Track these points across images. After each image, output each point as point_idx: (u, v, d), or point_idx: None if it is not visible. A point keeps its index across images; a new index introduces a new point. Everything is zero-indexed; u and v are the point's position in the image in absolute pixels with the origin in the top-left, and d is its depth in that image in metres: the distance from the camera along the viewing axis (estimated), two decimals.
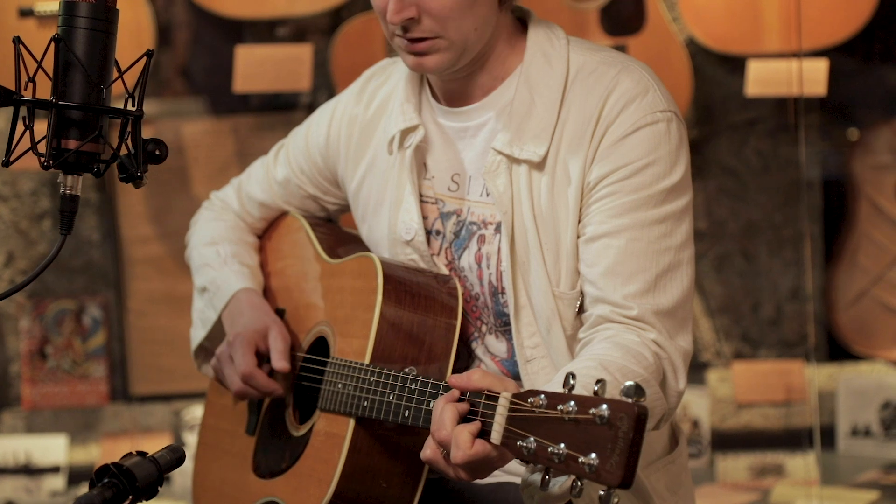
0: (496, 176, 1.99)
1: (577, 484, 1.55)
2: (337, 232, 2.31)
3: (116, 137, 1.60)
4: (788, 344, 4.26)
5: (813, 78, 3.78)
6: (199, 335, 2.28)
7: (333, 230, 2.32)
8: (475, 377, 1.74)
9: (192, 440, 3.90)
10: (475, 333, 2.09)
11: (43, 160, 1.55)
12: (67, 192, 1.58)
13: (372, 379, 1.96)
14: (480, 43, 1.99)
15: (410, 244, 2.08)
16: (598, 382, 1.56)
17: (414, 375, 1.93)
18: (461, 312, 2.04)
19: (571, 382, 1.60)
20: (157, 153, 1.62)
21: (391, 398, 1.93)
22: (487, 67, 2.03)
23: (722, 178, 4.21)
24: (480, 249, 2.04)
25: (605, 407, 1.52)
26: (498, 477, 1.99)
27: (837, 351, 4.22)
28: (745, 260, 4.26)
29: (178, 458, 1.60)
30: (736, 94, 4.07)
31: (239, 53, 3.83)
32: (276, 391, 2.15)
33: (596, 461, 1.52)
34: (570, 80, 1.99)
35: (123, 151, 1.60)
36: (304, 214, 2.32)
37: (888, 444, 4.03)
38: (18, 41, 1.54)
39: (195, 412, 3.97)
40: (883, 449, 4.03)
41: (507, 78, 2.03)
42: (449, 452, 1.73)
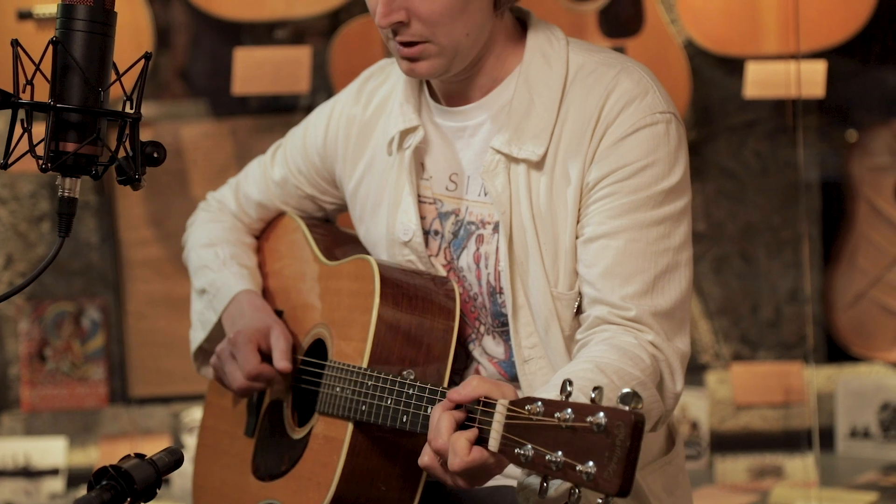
0: (494, 175, 1.99)
1: (574, 491, 1.55)
2: (334, 232, 2.31)
3: (115, 140, 1.60)
4: (787, 345, 4.26)
5: (811, 80, 3.78)
6: (198, 337, 2.28)
7: (330, 231, 2.31)
8: (473, 384, 1.73)
9: (191, 442, 3.90)
10: (473, 335, 2.09)
11: (41, 163, 1.55)
12: (66, 194, 1.58)
13: (370, 383, 1.96)
14: (474, 48, 1.99)
15: (408, 245, 2.08)
16: (595, 389, 1.56)
17: (412, 380, 1.93)
18: (459, 314, 2.04)
19: (569, 389, 1.59)
20: (155, 156, 1.62)
21: (389, 403, 1.93)
22: (485, 70, 2.03)
23: (720, 179, 4.21)
24: (479, 249, 2.04)
25: (601, 415, 1.52)
26: (495, 480, 1.98)
27: (836, 352, 4.22)
28: (743, 262, 4.26)
29: (176, 460, 1.60)
30: (734, 95, 4.07)
31: (238, 56, 3.83)
32: (279, 385, 2.16)
33: (593, 469, 1.52)
34: (569, 80, 1.99)
35: (122, 154, 1.60)
36: (301, 215, 2.32)
37: (887, 445, 4.03)
38: (16, 44, 1.54)
39: (194, 414, 3.96)
40: (882, 450, 4.03)
41: (505, 78, 2.03)
42: (446, 461, 1.73)
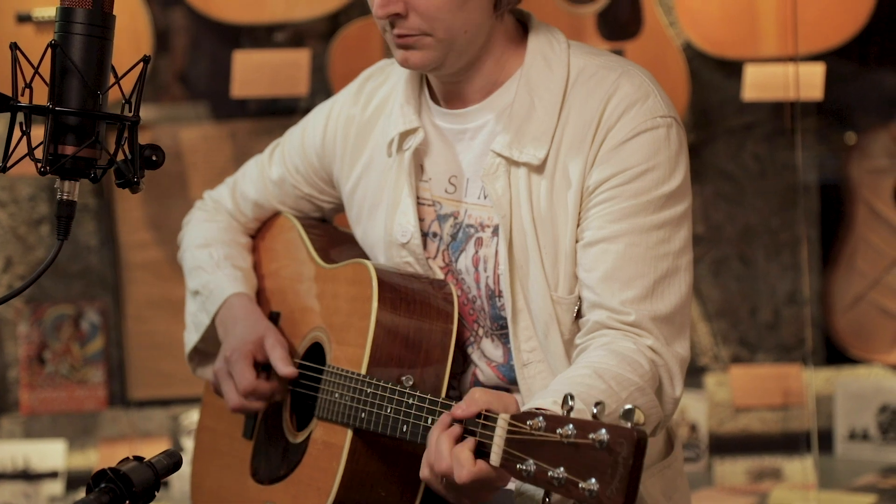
0: (495, 179, 1.99)
1: None
2: (330, 233, 2.30)
3: (113, 143, 1.60)
4: (786, 348, 4.26)
5: (810, 82, 3.78)
6: (192, 339, 2.28)
7: (327, 231, 2.30)
8: (475, 397, 1.72)
9: (190, 445, 3.89)
10: (471, 338, 2.08)
11: (40, 166, 1.55)
12: (64, 197, 1.58)
13: (369, 391, 1.96)
14: (472, 46, 1.99)
15: (406, 247, 2.08)
16: (597, 405, 1.55)
17: (411, 386, 1.93)
18: (457, 317, 2.03)
19: (570, 403, 1.58)
20: (153, 159, 1.62)
21: (388, 412, 1.92)
22: (484, 71, 2.03)
23: (719, 182, 4.21)
24: (478, 252, 2.04)
25: (603, 431, 1.51)
26: None
27: (835, 355, 4.22)
28: (742, 264, 4.26)
29: (175, 462, 1.60)
30: (733, 98, 4.06)
31: (237, 58, 3.83)
32: (279, 396, 2.15)
33: (596, 486, 1.51)
34: (570, 83, 1.99)
35: (120, 157, 1.60)
36: (297, 215, 2.31)
37: (886, 447, 4.03)
38: (15, 47, 1.54)
39: (193, 417, 3.96)
40: (881, 452, 4.03)
41: (506, 81, 2.03)
42: (449, 481, 1.72)
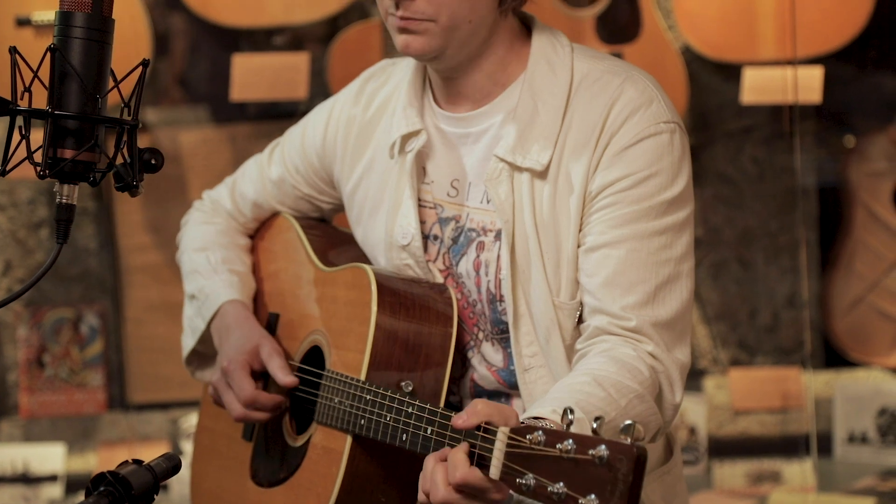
0: (498, 183, 1.98)
1: None
2: (329, 234, 2.29)
3: (112, 146, 1.60)
4: (785, 351, 4.26)
5: (808, 85, 3.78)
6: (189, 343, 2.28)
7: (326, 232, 2.30)
8: (477, 408, 1.70)
9: (189, 448, 3.89)
10: (471, 342, 2.08)
11: (39, 169, 1.56)
12: (63, 201, 1.58)
13: (368, 398, 1.95)
14: (474, 39, 1.98)
15: (406, 249, 2.07)
16: (596, 419, 1.54)
17: (411, 394, 1.93)
18: (457, 321, 2.03)
19: (570, 417, 1.58)
20: (153, 162, 1.62)
21: (388, 420, 1.92)
22: (485, 69, 2.02)
23: (718, 185, 4.21)
24: (479, 256, 2.03)
25: (603, 448, 1.51)
26: None
27: (834, 358, 4.22)
28: (741, 267, 4.26)
29: (173, 466, 1.60)
30: (731, 101, 4.07)
31: (236, 62, 3.83)
32: (282, 407, 2.15)
33: (596, 503, 1.51)
34: (573, 87, 1.98)
35: (119, 161, 1.60)
36: (296, 215, 2.31)
37: (885, 450, 4.03)
38: (14, 51, 1.55)
39: (192, 420, 3.96)
40: (879, 455, 4.03)
41: (510, 84, 2.02)
42: None
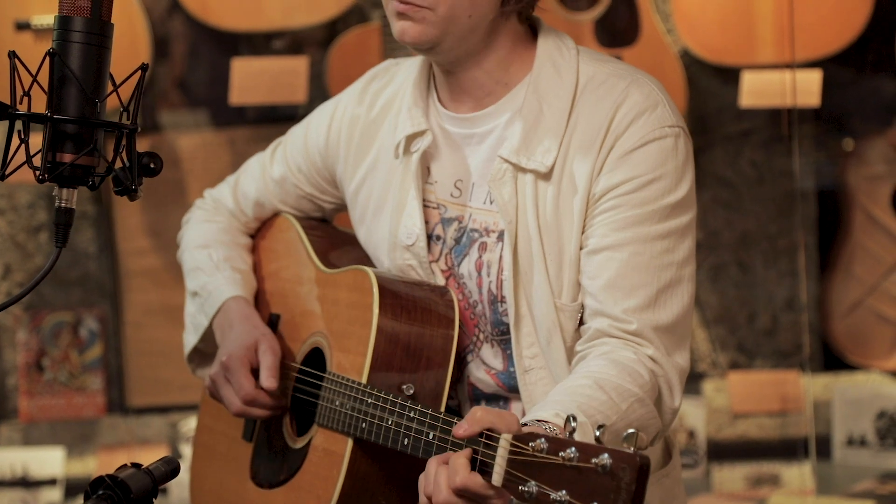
0: (502, 184, 1.98)
1: None
2: (331, 234, 2.29)
3: (111, 151, 1.61)
4: (784, 354, 4.26)
5: (807, 89, 3.79)
6: (191, 340, 2.27)
7: (327, 232, 2.29)
8: (477, 416, 1.69)
9: (188, 452, 3.90)
10: (471, 346, 2.08)
11: (38, 174, 1.56)
12: (62, 205, 1.58)
13: (370, 401, 1.95)
14: (473, 35, 1.97)
15: (410, 249, 2.07)
16: (599, 427, 1.54)
17: (412, 398, 1.93)
18: (458, 324, 2.03)
19: (573, 425, 1.57)
20: (151, 166, 1.62)
21: (390, 423, 1.92)
22: (485, 67, 2.02)
23: (717, 188, 4.22)
24: (481, 257, 2.03)
25: (606, 456, 1.50)
26: None
27: (833, 361, 4.22)
28: (740, 270, 4.27)
29: (172, 469, 1.60)
30: (730, 105, 4.07)
31: (235, 66, 3.84)
32: (279, 409, 2.15)
33: None
34: (579, 90, 1.98)
35: (118, 165, 1.60)
36: (297, 215, 2.31)
37: (883, 453, 4.03)
38: (14, 55, 1.55)
39: (192, 424, 3.96)
40: (878, 458, 4.03)
41: (515, 86, 2.02)
42: None
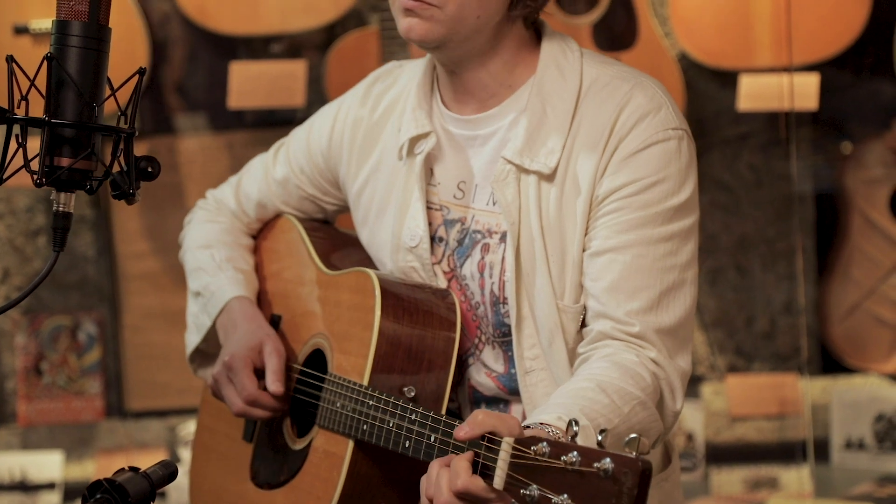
0: (505, 186, 1.98)
1: None
2: (332, 236, 2.29)
3: (109, 155, 1.61)
4: (782, 357, 4.26)
5: (804, 92, 3.79)
6: (193, 340, 2.28)
7: (329, 234, 2.30)
8: (479, 419, 1.69)
9: (187, 456, 3.90)
10: (472, 348, 2.08)
11: (36, 178, 1.56)
12: (60, 209, 1.58)
13: (371, 403, 1.96)
14: (479, 36, 1.98)
15: (413, 251, 2.08)
16: (601, 432, 1.55)
17: (414, 400, 1.94)
18: (460, 327, 2.03)
19: (574, 429, 1.58)
20: (149, 170, 1.62)
21: (391, 426, 1.92)
22: (490, 69, 2.02)
23: (715, 192, 4.22)
24: (484, 258, 2.03)
25: (608, 461, 1.50)
26: None
27: (831, 364, 4.22)
28: (738, 274, 4.27)
29: (170, 473, 1.60)
30: (728, 108, 4.07)
31: (233, 70, 3.84)
32: (281, 411, 2.15)
33: None
34: (583, 92, 1.99)
35: (116, 169, 1.60)
36: (299, 216, 2.31)
37: (882, 456, 4.03)
38: (11, 60, 1.55)
39: (190, 428, 3.96)
40: (876, 461, 4.03)
41: (519, 87, 2.02)
42: None
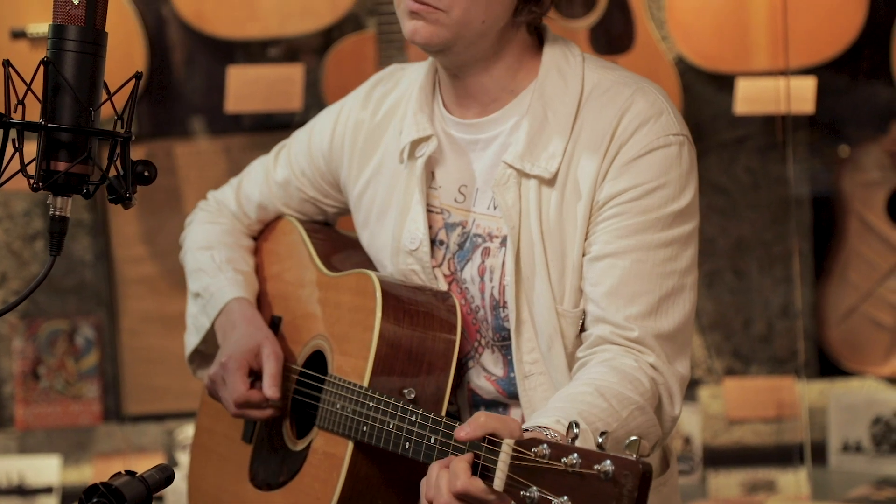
0: (506, 189, 1.99)
1: None
2: (333, 238, 2.30)
3: (106, 159, 1.61)
4: (779, 360, 4.26)
5: (801, 96, 3.80)
6: (192, 341, 2.28)
7: (329, 235, 2.30)
8: (480, 421, 1.69)
9: (184, 460, 3.90)
10: (472, 351, 2.08)
11: (32, 182, 1.56)
12: (57, 213, 1.58)
13: (371, 404, 1.96)
14: (483, 41, 1.98)
15: (413, 254, 2.08)
16: (601, 434, 1.55)
17: (414, 402, 1.94)
18: (460, 329, 2.03)
19: (575, 431, 1.58)
20: (146, 174, 1.62)
21: (391, 427, 1.92)
22: (494, 75, 2.02)
23: (712, 195, 4.22)
24: (484, 262, 2.04)
25: (608, 463, 1.50)
26: None
27: (828, 367, 4.22)
28: (735, 277, 4.27)
29: (167, 477, 1.60)
30: (725, 112, 4.07)
31: (231, 74, 3.84)
32: (271, 416, 2.15)
33: None
34: (584, 97, 1.99)
35: (112, 173, 1.61)
36: (300, 218, 2.31)
37: (879, 459, 4.03)
38: (8, 64, 1.55)
39: (188, 432, 3.96)
40: (874, 464, 4.03)
41: (520, 92, 2.03)
42: None
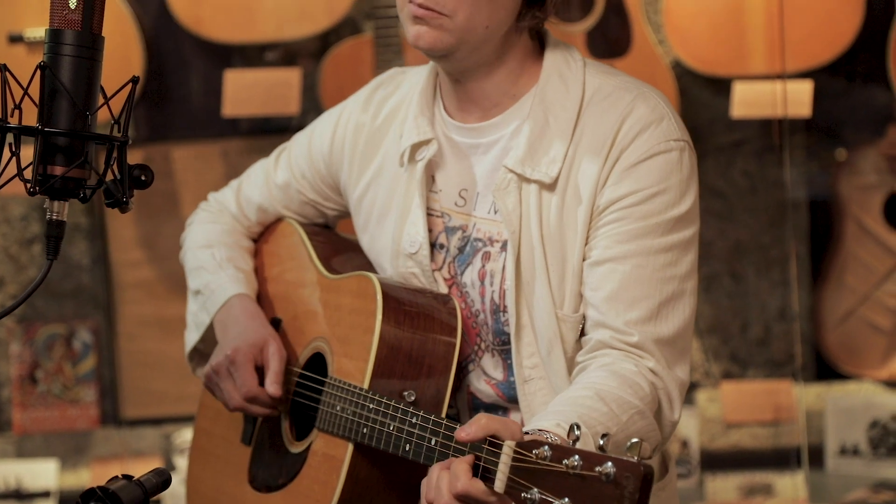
0: (506, 194, 1.99)
1: None
2: (333, 240, 2.30)
3: (102, 163, 1.61)
4: (777, 364, 4.27)
5: (798, 99, 3.80)
6: (192, 338, 2.28)
7: (330, 238, 2.30)
8: (482, 422, 1.70)
9: (182, 464, 3.90)
10: (472, 355, 2.08)
11: (29, 186, 1.56)
12: (54, 217, 1.59)
13: (371, 406, 1.96)
14: (486, 46, 1.98)
15: (413, 257, 2.08)
16: (603, 436, 1.55)
17: (413, 401, 1.94)
18: (461, 332, 2.03)
19: (576, 433, 1.58)
20: (142, 178, 1.63)
21: (391, 429, 1.92)
22: (496, 80, 2.03)
23: (709, 199, 4.22)
24: (484, 266, 2.04)
25: (610, 465, 1.50)
26: None
27: (825, 370, 4.23)
28: (732, 280, 4.27)
29: (164, 481, 1.60)
30: (722, 115, 4.08)
31: (228, 77, 3.84)
32: (274, 414, 2.15)
33: None
34: (585, 102, 1.99)
35: (109, 177, 1.61)
36: (300, 220, 2.32)
37: (876, 463, 4.03)
38: (4, 69, 1.56)
39: (186, 436, 3.96)
40: (871, 468, 4.03)
41: (521, 97, 2.03)
42: None
